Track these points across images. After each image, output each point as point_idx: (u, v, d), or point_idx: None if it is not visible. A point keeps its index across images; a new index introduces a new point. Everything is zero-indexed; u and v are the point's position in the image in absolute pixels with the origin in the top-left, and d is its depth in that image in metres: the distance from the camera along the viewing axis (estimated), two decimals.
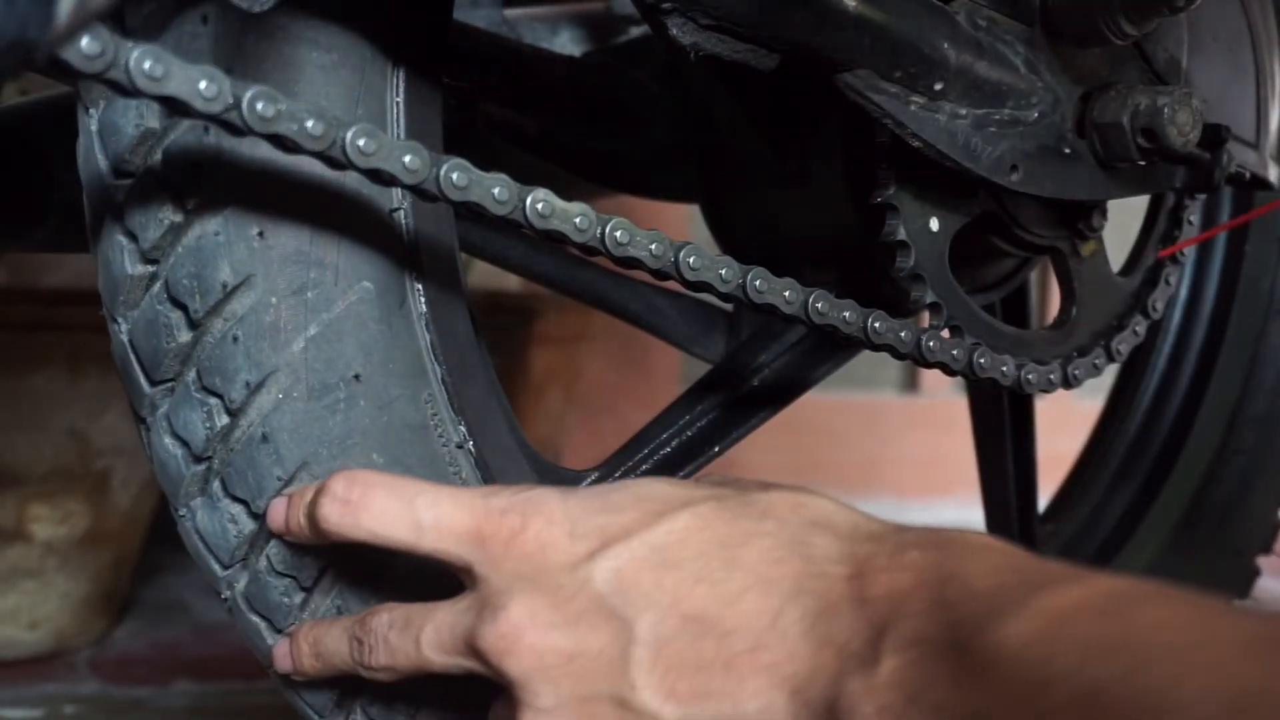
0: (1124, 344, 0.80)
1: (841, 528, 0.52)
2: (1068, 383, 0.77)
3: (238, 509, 0.60)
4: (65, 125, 0.62)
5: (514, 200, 0.56)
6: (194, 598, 1.53)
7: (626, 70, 0.93)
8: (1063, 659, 0.41)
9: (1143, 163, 0.71)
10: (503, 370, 1.04)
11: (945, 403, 2.13)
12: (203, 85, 0.48)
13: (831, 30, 0.61)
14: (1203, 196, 0.84)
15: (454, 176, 0.55)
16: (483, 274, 1.42)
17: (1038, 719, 0.41)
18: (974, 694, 0.43)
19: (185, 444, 0.60)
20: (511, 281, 1.44)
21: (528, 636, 0.51)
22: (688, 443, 0.81)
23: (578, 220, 0.58)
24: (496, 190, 0.56)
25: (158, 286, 0.59)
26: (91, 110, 0.59)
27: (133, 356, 0.60)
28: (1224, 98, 0.77)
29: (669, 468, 0.80)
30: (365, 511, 0.54)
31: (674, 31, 0.57)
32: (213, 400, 0.59)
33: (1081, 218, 0.77)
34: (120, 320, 0.61)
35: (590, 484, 0.75)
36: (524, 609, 0.51)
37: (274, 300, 0.58)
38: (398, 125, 0.61)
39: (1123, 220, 0.81)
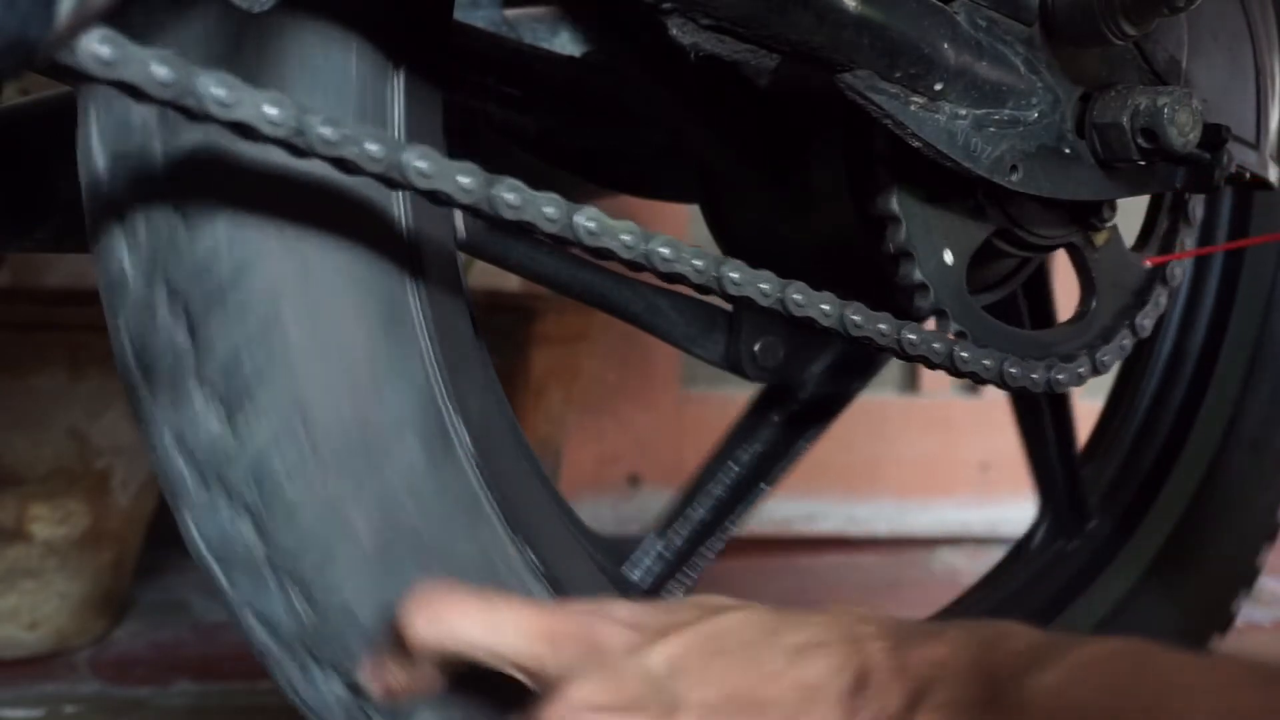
0: (1148, 318, 0.81)
1: (885, 620, 0.56)
2: (1096, 370, 0.78)
3: None
4: (65, 125, 0.62)
5: (564, 219, 0.57)
6: (194, 598, 1.53)
7: (626, 70, 0.93)
8: (1092, 698, 0.46)
9: (1143, 163, 0.71)
10: (503, 370, 1.04)
11: (945, 403, 2.12)
12: (217, 90, 0.48)
13: (831, 30, 0.61)
14: (1203, 196, 0.84)
15: (508, 196, 0.55)
16: (483, 274, 1.42)
17: None
18: None
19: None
20: (511, 281, 1.44)
21: (583, 716, 0.54)
22: (737, 483, 0.87)
23: (625, 238, 0.58)
24: (549, 210, 0.56)
25: (158, 287, 0.59)
26: (91, 110, 0.59)
27: (133, 357, 0.60)
28: (1224, 98, 0.77)
29: (722, 512, 0.86)
30: (452, 621, 0.56)
31: (674, 31, 0.58)
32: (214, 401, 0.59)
33: (1092, 212, 0.78)
34: (120, 321, 0.61)
35: (649, 543, 0.83)
36: (580, 691, 0.54)
37: (275, 301, 0.58)
38: (398, 126, 0.61)
39: (1127, 204, 0.81)
